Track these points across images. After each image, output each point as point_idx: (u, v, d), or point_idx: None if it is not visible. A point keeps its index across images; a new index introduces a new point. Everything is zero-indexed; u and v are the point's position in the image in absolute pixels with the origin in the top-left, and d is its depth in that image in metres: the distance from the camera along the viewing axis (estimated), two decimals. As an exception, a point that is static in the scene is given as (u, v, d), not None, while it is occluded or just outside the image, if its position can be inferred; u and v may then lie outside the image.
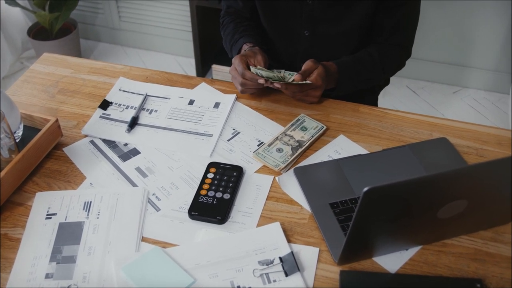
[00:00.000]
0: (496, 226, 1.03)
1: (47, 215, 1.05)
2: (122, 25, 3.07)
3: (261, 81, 1.21)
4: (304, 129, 1.23)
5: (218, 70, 2.77)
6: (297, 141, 1.20)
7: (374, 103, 1.59)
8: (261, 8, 1.42)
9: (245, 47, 1.36)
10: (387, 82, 1.61)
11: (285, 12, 1.38)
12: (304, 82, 1.22)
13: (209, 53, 2.79)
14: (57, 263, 0.96)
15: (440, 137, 1.22)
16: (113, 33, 3.12)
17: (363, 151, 1.19)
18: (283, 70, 1.28)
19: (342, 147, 1.20)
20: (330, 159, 1.17)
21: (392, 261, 0.97)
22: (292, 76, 1.26)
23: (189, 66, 2.99)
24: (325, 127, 1.24)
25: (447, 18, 2.58)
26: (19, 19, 2.90)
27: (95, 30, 3.15)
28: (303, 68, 1.26)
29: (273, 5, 1.39)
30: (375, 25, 1.37)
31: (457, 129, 1.24)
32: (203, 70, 2.81)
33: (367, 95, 1.53)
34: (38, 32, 2.86)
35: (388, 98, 2.72)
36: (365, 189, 0.76)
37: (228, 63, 2.68)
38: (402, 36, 1.39)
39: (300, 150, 1.18)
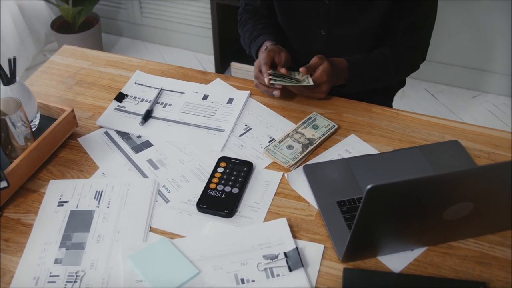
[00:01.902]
0: (504, 230, 1.02)
1: (59, 202, 1.07)
2: (144, 21, 3.11)
3: (266, 80, 1.24)
4: (315, 127, 1.24)
5: (237, 68, 2.78)
6: (308, 139, 1.21)
7: (389, 105, 1.58)
8: (279, 7, 1.43)
9: (268, 43, 1.37)
10: (402, 84, 1.60)
11: (303, 11, 1.39)
12: (308, 84, 1.24)
13: (228, 51, 2.80)
14: (66, 249, 0.98)
15: (452, 139, 1.21)
16: (135, 28, 3.16)
17: (373, 151, 1.19)
18: (293, 72, 1.29)
19: (352, 146, 1.20)
20: (340, 158, 1.18)
21: (396, 261, 0.97)
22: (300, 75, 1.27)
23: (208, 63, 3.01)
24: (336, 126, 1.24)
25: (468, 21, 2.56)
26: (43, 12, 2.95)
27: (117, 25, 3.19)
28: (309, 63, 1.26)
29: (291, 4, 1.40)
30: (390, 26, 1.37)
31: (469, 132, 1.24)
32: (222, 67, 2.83)
33: (381, 97, 1.52)
34: (61, 26, 2.91)
35: (406, 100, 2.70)
36: (369, 186, 0.76)
37: (247, 61, 2.72)
38: (417, 38, 1.38)
39: (310, 148, 1.18)
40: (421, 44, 1.41)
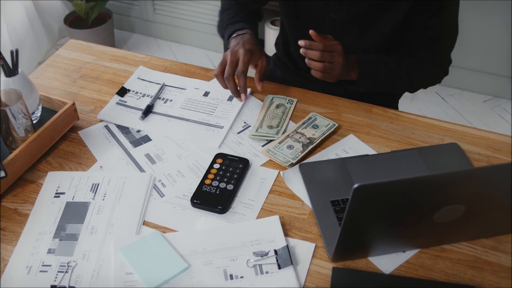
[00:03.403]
0: (498, 235, 1.01)
1: (56, 193, 1.09)
2: (156, 18, 3.13)
3: (243, 97, 1.23)
4: (315, 126, 1.24)
5: (247, 66, 2.78)
6: (308, 138, 1.21)
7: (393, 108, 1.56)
8: (285, 13, 1.42)
9: (248, 31, 1.31)
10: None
11: (308, 20, 1.37)
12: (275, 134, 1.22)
13: (238, 49, 2.81)
14: (60, 240, 1.00)
15: (451, 142, 1.20)
16: (147, 25, 3.18)
17: (371, 151, 1.19)
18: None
19: (350, 146, 1.20)
20: (337, 157, 1.17)
21: (387, 262, 0.96)
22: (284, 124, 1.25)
23: (219, 60, 3.01)
24: (336, 125, 1.24)
25: (481, 24, 2.53)
26: (57, 7, 2.99)
27: (129, 21, 3.22)
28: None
29: (297, 11, 1.38)
30: (406, 40, 1.34)
31: (470, 135, 1.23)
32: (231, 65, 2.83)
33: (385, 100, 1.50)
34: (74, 21, 2.95)
35: (415, 103, 2.68)
36: (355, 185, 0.76)
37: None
38: (437, 52, 1.35)
39: (311, 147, 1.18)
40: (442, 59, 1.37)
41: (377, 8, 1.29)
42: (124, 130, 1.25)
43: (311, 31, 1.19)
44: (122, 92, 1.36)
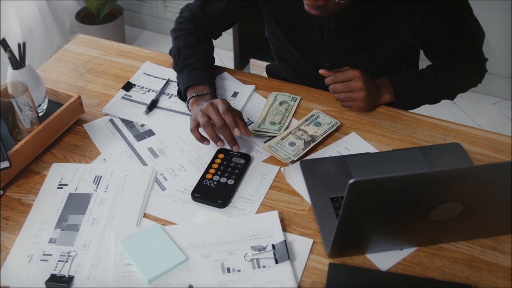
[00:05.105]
0: (497, 235, 1.01)
1: (59, 185, 1.10)
2: (167, 15, 3.15)
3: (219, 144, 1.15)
4: (318, 124, 1.24)
5: (256, 65, 2.80)
6: (310, 136, 1.21)
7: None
8: (284, 36, 1.40)
9: (205, 91, 1.25)
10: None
11: (308, 43, 1.36)
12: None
13: (248, 47, 2.82)
14: (61, 230, 1.01)
15: (453, 142, 1.20)
16: (158, 21, 3.20)
17: (372, 149, 1.19)
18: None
19: (352, 144, 1.20)
20: (339, 155, 1.18)
21: (384, 259, 0.97)
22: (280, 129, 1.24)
23: (228, 59, 3.03)
24: (339, 123, 1.24)
25: (491, 26, 2.51)
26: (68, 3, 3.02)
27: (140, 18, 3.24)
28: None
29: (296, 37, 1.37)
30: (431, 53, 1.33)
31: (472, 135, 1.22)
32: (241, 63, 2.85)
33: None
34: (85, 17, 2.98)
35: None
36: (351, 181, 0.77)
37: (266, 58, 2.72)
38: (468, 57, 1.33)
39: (312, 145, 1.19)
40: (475, 59, 1.36)
41: (374, 41, 1.29)
42: (128, 124, 1.27)
43: (321, 71, 1.23)
44: (128, 86, 1.37)
